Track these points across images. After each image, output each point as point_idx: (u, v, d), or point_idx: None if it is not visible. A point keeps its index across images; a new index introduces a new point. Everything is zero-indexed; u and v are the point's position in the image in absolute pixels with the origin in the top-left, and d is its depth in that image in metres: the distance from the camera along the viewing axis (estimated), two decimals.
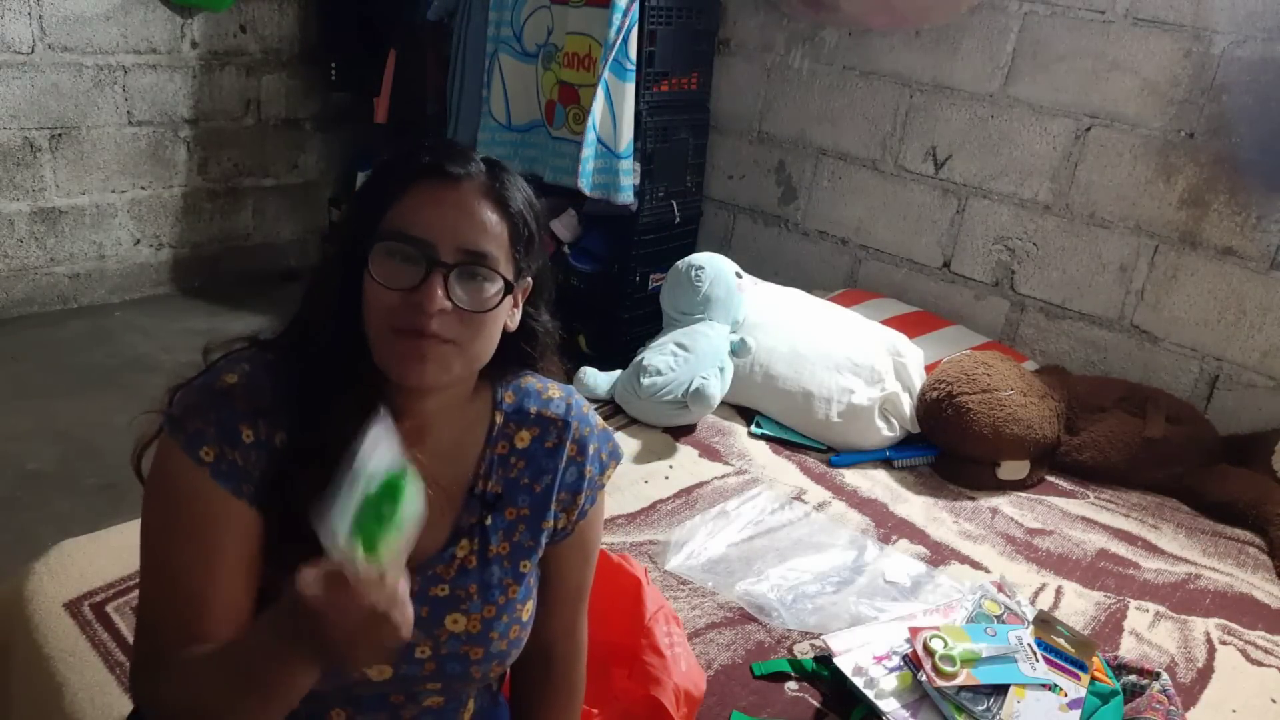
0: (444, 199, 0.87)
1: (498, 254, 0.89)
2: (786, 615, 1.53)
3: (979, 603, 1.45)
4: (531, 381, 1.02)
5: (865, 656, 1.34)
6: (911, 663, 1.30)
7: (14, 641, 1.35)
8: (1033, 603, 1.66)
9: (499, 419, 0.99)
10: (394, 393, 0.90)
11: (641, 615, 1.30)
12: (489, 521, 0.96)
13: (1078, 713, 1.29)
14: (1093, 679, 1.36)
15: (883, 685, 1.29)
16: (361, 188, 0.91)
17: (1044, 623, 1.42)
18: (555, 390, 1.03)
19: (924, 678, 1.27)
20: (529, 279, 0.96)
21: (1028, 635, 1.38)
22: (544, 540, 1.00)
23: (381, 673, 0.92)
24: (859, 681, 1.29)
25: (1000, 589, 1.56)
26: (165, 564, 0.87)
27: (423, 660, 0.93)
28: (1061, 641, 1.40)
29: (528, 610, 1.00)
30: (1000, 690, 1.28)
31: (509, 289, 0.89)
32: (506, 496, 0.98)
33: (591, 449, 1.02)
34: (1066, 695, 1.31)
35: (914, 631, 1.33)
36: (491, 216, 0.89)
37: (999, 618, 1.42)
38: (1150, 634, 1.61)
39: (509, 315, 0.94)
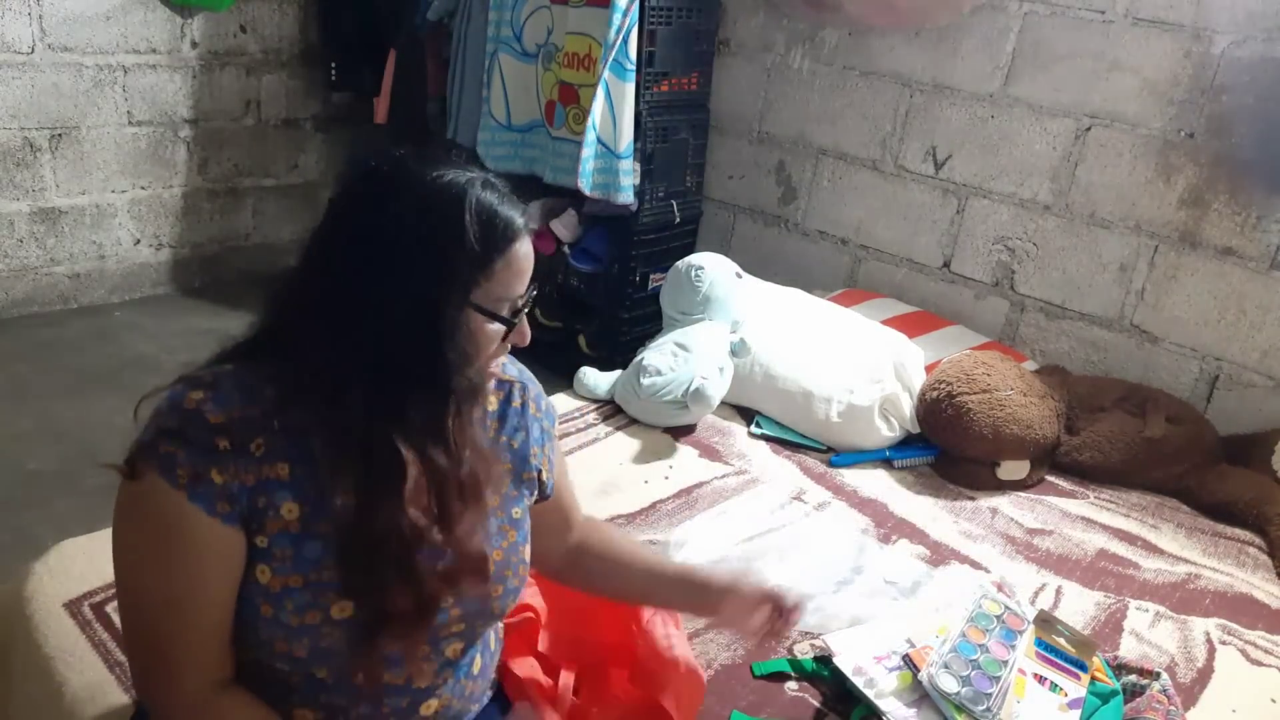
0: (527, 254, 0.96)
1: None
2: None
3: (979, 603, 1.45)
4: None
5: (865, 656, 1.34)
6: (911, 663, 1.30)
7: (14, 641, 1.35)
8: (1033, 603, 1.66)
9: None
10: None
11: (639, 616, 1.30)
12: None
13: (1077, 713, 1.29)
14: (1093, 679, 1.36)
15: (883, 685, 1.29)
16: (444, 239, 0.90)
17: (1044, 622, 1.42)
18: None
19: (924, 677, 1.27)
20: None
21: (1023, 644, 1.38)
22: (528, 491, 1.10)
23: (422, 649, 0.99)
24: (859, 681, 1.29)
25: (1000, 588, 1.55)
26: (145, 588, 0.90)
27: (447, 608, 0.98)
28: (1062, 641, 1.40)
29: (527, 551, 1.09)
30: (1000, 690, 1.28)
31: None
32: (491, 454, 1.05)
33: (544, 404, 1.14)
34: (1067, 695, 1.31)
35: (917, 656, 1.32)
36: None
37: (999, 618, 1.42)
38: (1150, 634, 1.61)
39: None
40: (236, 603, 0.91)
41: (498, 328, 0.94)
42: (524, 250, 0.95)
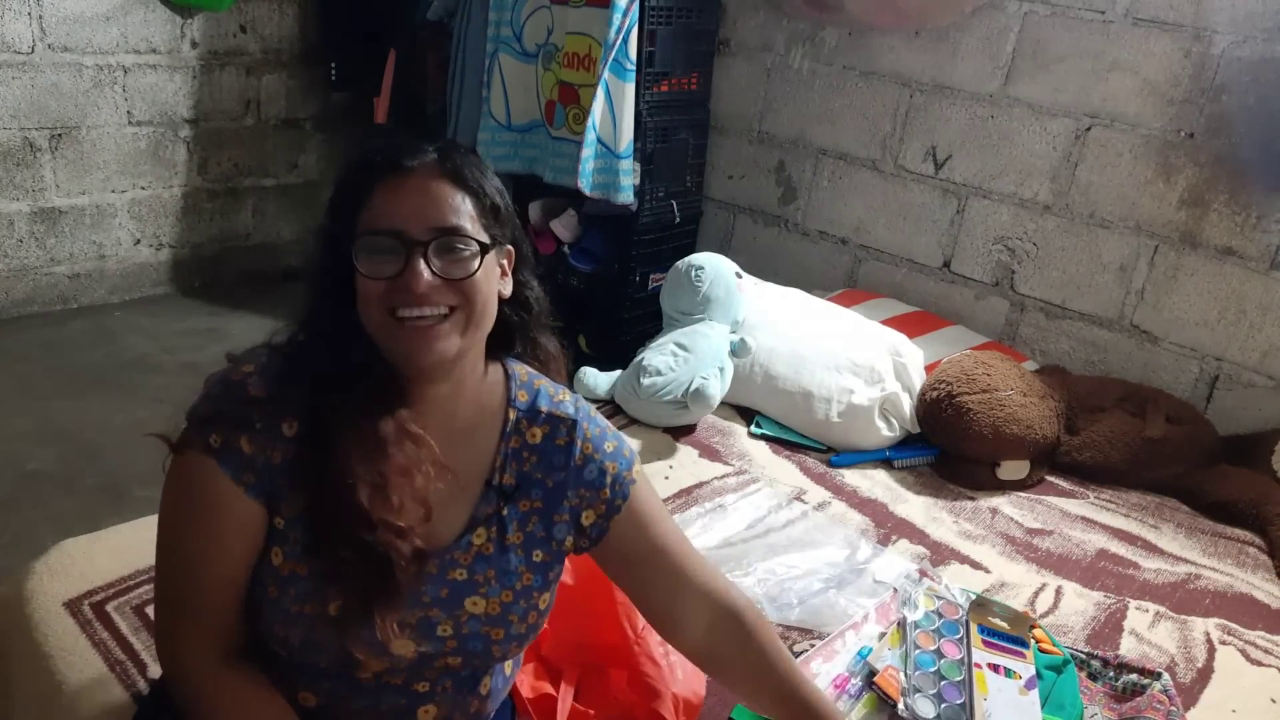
0: (404, 188, 0.92)
1: (466, 224, 0.94)
2: (770, 609, 1.53)
3: (915, 602, 1.45)
4: (545, 385, 1.07)
5: (825, 684, 1.33)
6: (881, 690, 1.30)
7: (14, 641, 1.35)
8: (1032, 603, 1.66)
9: (513, 415, 1.04)
10: (407, 383, 0.96)
11: (635, 623, 1.31)
12: (505, 512, 1.01)
13: (1035, 692, 1.30)
14: (1042, 651, 1.37)
15: (852, 715, 1.29)
16: (332, 198, 0.96)
17: (980, 606, 1.44)
18: (565, 395, 1.08)
19: (903, 710, 1.27)
20: (509, 246, 1.02)
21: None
22: (560, 535, 1.03)
23: (405, 648, 0.96)
24: None
25: (924, 575, 1.55)
26: (171, 545, 0.95)
27: (445, 638, 0.98)
28: (998, 622, 1.41)
29: (545, 600, 1.03)
30: (968, 693, 1.29)
31: (485, 249, 0.95)
32: (521, 489, 1.02)
33: (608, 447, 1.06)
34: (1021, 677, 1.32)
35: (885, 684, 1.32)
36: (452, 192, 0.94)
37: (936, 612, 1.43)
38: (1150, 634, 1.61)
39: (500, 284, 1.01)
40: (251, 581, 0.94)
41: (373, 267, 0.91)
42: (395, 183, 0.92)
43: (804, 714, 1.08)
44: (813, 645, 1.42)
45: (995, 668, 1.34)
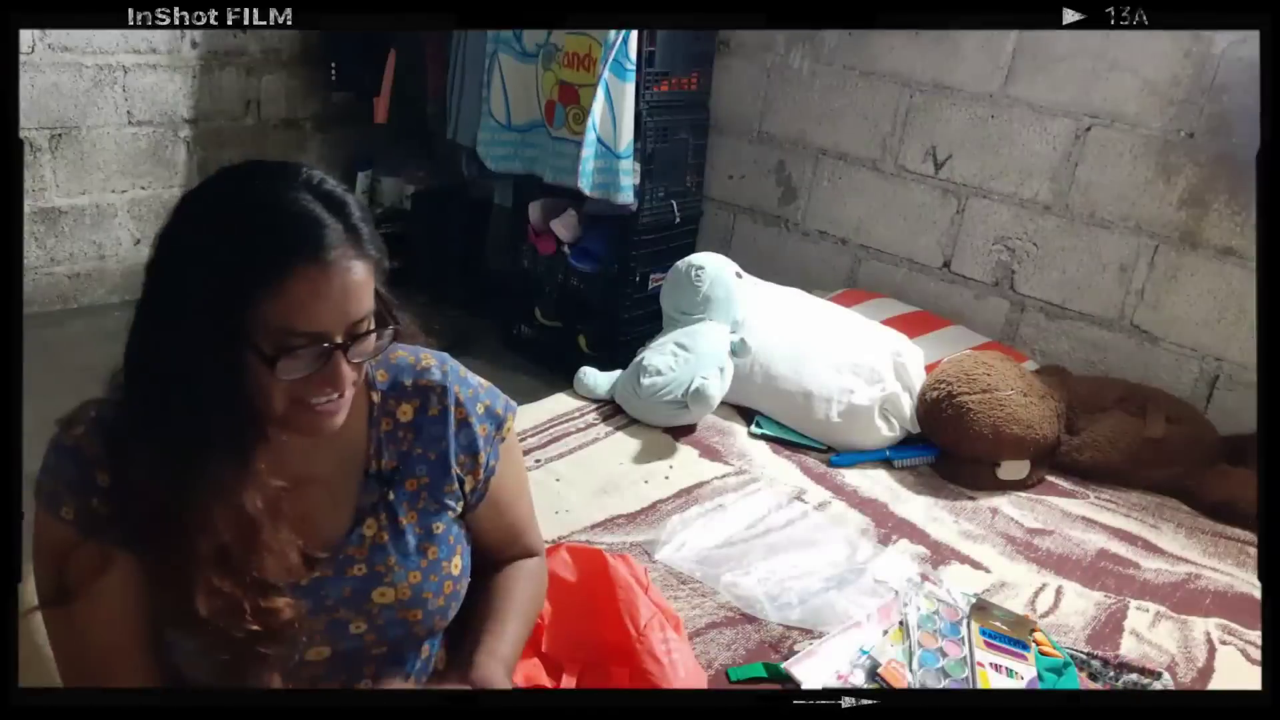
0: (326, 288, 0.82)
1: (373, 302, 0.88)
2: (770, 609, 1.53)
3: (916, 604, 1.45)
4: (403, 355, 1.03)
5: (829, 677, 1.33)
6: (887, 684, 1.30)
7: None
8: (1032, 603, 1.66)
9: (376, 398, 1.00)
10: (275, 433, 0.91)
11: (637, 622, 1.31)
12: (392, 497, 0.99)
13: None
14: (1042, 654, 1.37)
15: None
16: (223, 258, 0.81)
17: (981, 609, 1.44)
18: (428, 358, 1.04)
19: None
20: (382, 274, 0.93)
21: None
22: (452, 502, 1.03)
23: (319, 654, 0.95)
24: None
25: (925, 579, 1.56)
26: (63, 624, 0.91)
27: (360, 634, 0.96)
28: (1000, 625, 1.41)
29: (456, 565, 1.02)
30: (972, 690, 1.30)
31: (384, 320, 0.90)
32: (404, 469, 1.00)
33: (480, 408, 1.04)
34: (1023, 679, 1.32)
35: (890, 676, 1.32)
36: (361, 274, 0.85)
37: (936, 613, 1.43)
38: (1150, 634, 1.61)
39: None
40: (148, 629, 0.91)
41: (289, 366, 0.82)
42: (315, 277, 0.80)
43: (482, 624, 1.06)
44: (812, 645, 1.42)
45: (997, 667, 1.35)
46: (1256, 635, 1.64)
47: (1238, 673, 1.54)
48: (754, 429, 2.18)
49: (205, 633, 0.87)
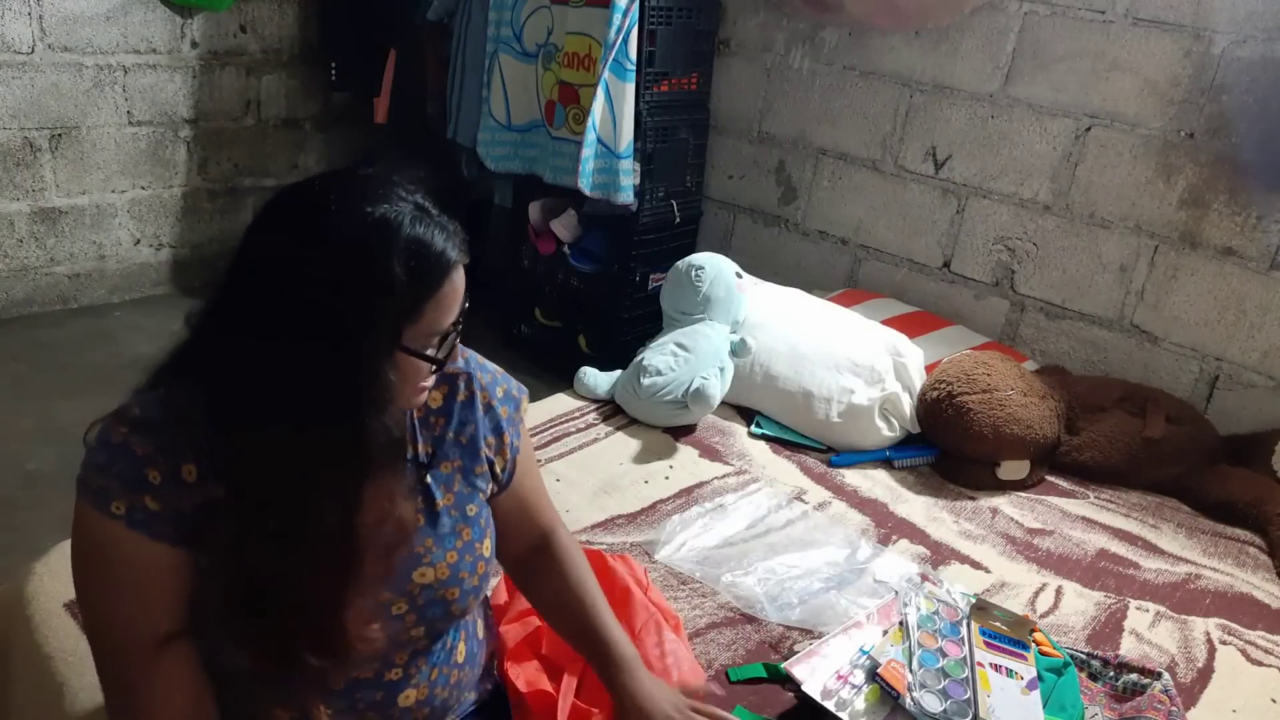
0: (459, 286, 0.92)
1: None
2: (770, 609, 1.53)
3: (916, 604, 1.45)
4: None
5: (829, 677, 1.34)
6: (886, 683, 1.30)
7: (14, 641, 1.35)
8: (1032, 603, 1.66)
9: None
10: None
11: (634, 623, 1.31)
12: (429, 480, 1.03)
13: (1037, 693, 1.31)
14: (1042, 654, 1.38)
15: (855, 705, 1.29)
16: (385, 289, 0.84)
17: (981, 610, 1.44)
18: None
19: (910, 705, 1.27)
20: None
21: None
22: (483, 484, 1.08)
23: (374, 642, 0.95)
24: (830, 704, 1.30)
25: (925, 579, 1.56)
26: (108, 621, 0.91)
27: (402, 615, 0.99)
28: (1000, 625, 1.42)
29: (486, 546, 1.07)
30: (972, 690, 1.29)
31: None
32: (439, 454, 1.05)
33: (499, 392, 1.10)
34: (1023, 678, 1.32)
35: (890, 675, 1.33)
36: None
37: (936, 614, 1.43)
38: (1150, 634, 1.61)
39: None
40: (194, 619, 0.91)
41: (425, 364, 0.91)
42: (455, 283, 0.90)
43: (595, 648, 1.13)
44: (812, 645, 1.42)
45: (997, 668, 1.35)
46: (1256, 635, 1.64)
47: (1238, 673, 1.54)
48: (754, 429, 2.18)
49: (256, 636, 0.89)
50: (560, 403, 2.22)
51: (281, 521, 0.86)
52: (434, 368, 0.92)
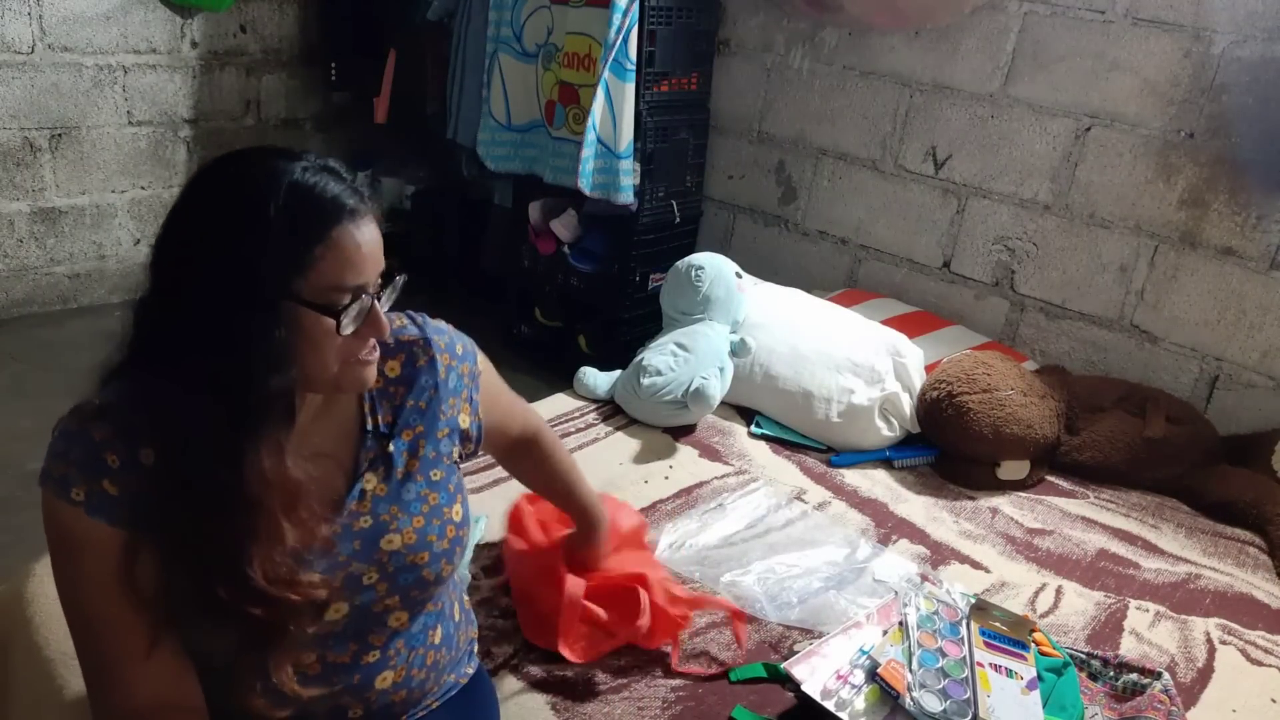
0: (363, 239, 0.89)
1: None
2: (770, 608, 1.53)
3: (916, 604, 1.45)
4: None
5: (829, 677, 1.34)
6: (886, 683, 1.30)
7: (14, 641, 1.35)
8: (1032, 603, 1.66)
9: None
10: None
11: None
12: (391, 449, 1.03)
13: (1037, 693, 1.30)
14: (1042, 654, 1.38)
15: (855, 705, 1.29)
16: (262, 234, 0.85)
17: (980, 610, 1.44)
18: (399, 316, 1.09)
19: (910, 705, 1.27)
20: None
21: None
22: (449, 448, 1.09)
23: (338, 610, 0.97)
24: (830, 705, 1.30)
25: (925, 579, 1.56)
26: (78, 604, 0.91)
27: (373, 585, 0.99)
28: (999, 625, 1.41)
29: (457, 512, 1.08)
30: (972, 690, 1.29)
31: (389, 269, 0.95)
32: (400, 422, 1.05)
33: (458, 350, 1.11)
34: (1022, 679, 1.32)
35: (889, 675, 1.33)
36: (377, 227, 0.92)
37: (936, 614, 1.43)
38: (1150, 634, 1.61)
39: None
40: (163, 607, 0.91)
41: (334, 321, 0.88)
42: (357, 237, 0.88)
43: (580, 513, 1.39)
44: (812, 645, 1.42)
45: (997, 668, 1.35)
46: (1256, 635, 1.64)
47: (1238, 673, 1.54)
48: (754, 429, 2.18)
49: (224, 611, 0.88)
50: (560, 403, 2.22)
51: (185, 482, 0.86)
52: (356, 330, 0.90)
